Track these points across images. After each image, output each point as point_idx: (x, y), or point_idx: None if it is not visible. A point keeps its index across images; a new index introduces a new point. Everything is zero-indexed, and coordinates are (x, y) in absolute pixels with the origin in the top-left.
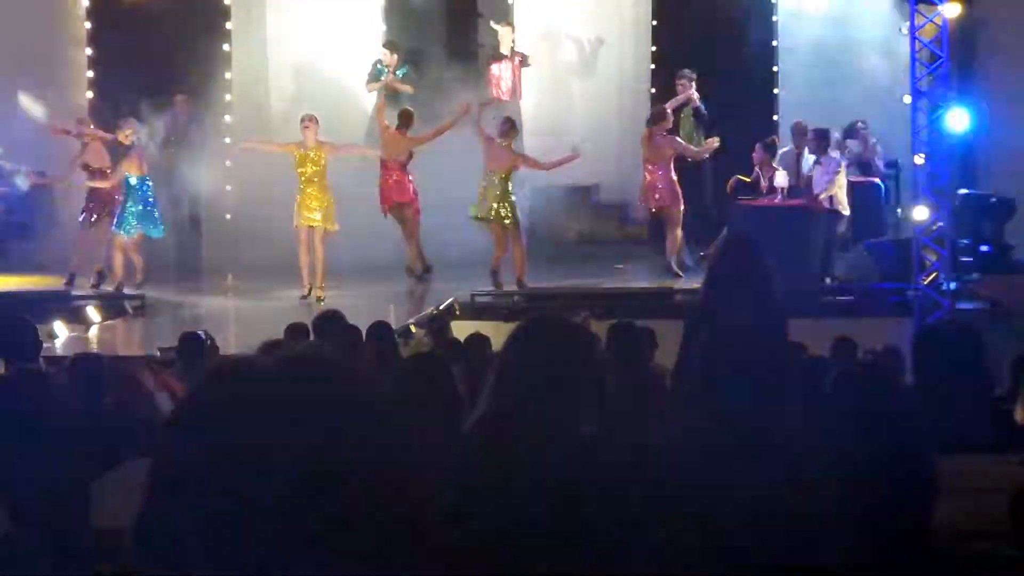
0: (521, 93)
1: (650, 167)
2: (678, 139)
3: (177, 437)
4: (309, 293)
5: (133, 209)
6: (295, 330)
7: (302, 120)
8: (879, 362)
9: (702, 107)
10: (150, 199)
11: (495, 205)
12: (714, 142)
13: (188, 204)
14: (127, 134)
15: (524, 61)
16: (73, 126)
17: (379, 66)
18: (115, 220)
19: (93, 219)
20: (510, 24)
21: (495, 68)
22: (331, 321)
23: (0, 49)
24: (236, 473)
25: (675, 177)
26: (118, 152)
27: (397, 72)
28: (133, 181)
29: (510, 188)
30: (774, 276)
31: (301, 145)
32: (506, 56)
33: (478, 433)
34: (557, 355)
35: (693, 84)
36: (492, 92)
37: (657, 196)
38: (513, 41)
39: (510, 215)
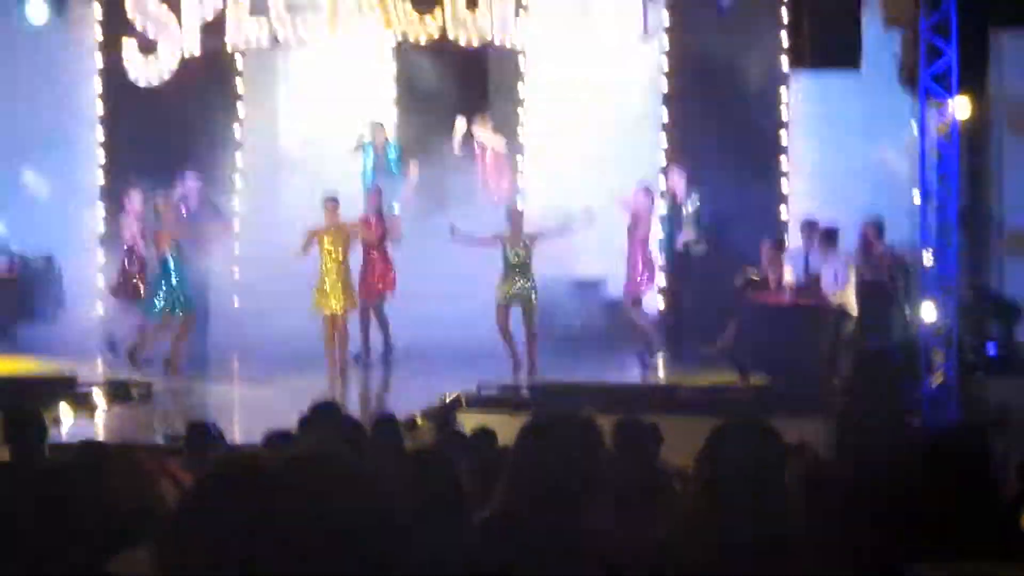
0: (515, 186)
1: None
2: None
3: (182, 529)
4: (339, 378)
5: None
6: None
7: (325, 202)
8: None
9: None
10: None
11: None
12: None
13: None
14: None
15: (504, 167)
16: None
17: (364, 142)
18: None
19: None
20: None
21: (480, 164)
22: (328, 414)
23: (15, 129)
24: (239, 568)
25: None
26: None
27: (389, 157)
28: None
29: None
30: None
31: (327, 229)
32: (482, 152)
33: (490, 531)
34: (566, 454)
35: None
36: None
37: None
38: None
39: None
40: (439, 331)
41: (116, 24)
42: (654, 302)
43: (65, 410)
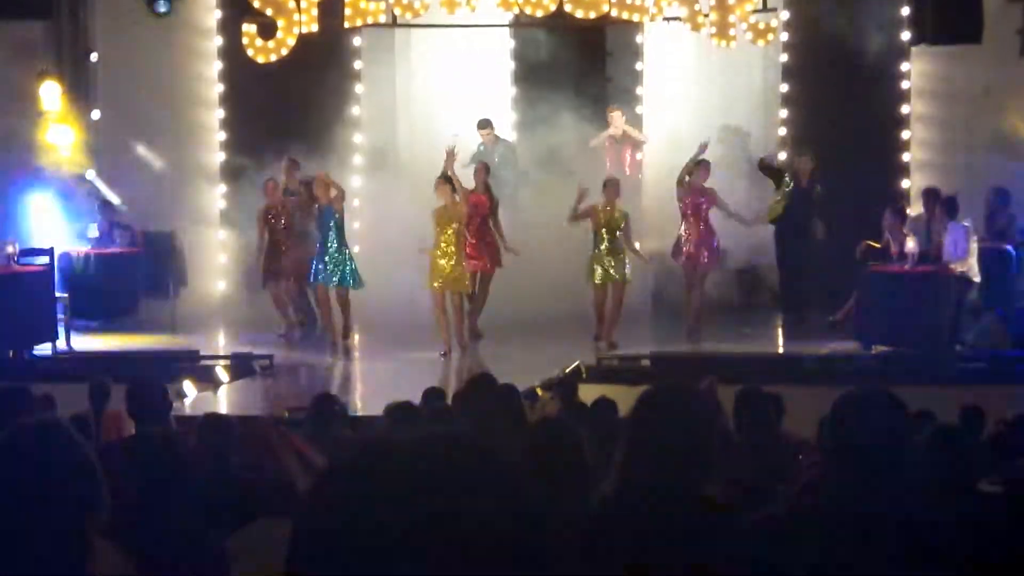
0: (638, 171)
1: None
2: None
3: (317, 512)
4: (449, 352)
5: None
6: (430, 394)
7: (436, 181)
8: (1008, 431)
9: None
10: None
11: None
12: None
13: None
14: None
15: (638, 147)
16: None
17: (480, 148)
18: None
19: None
20: (619, 109)
21: (609, 147)
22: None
23: (134, 111)
24: (373, 550)
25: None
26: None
27: (496, 156)
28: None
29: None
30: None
31: (439, 208)
32: (617, 139)
33: (610, 504)
34: (682, 424)
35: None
36: (608, 167)
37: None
38: (625, 123)
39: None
40: (553, 302)
41: (234, 5)
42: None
43: (188, 384)
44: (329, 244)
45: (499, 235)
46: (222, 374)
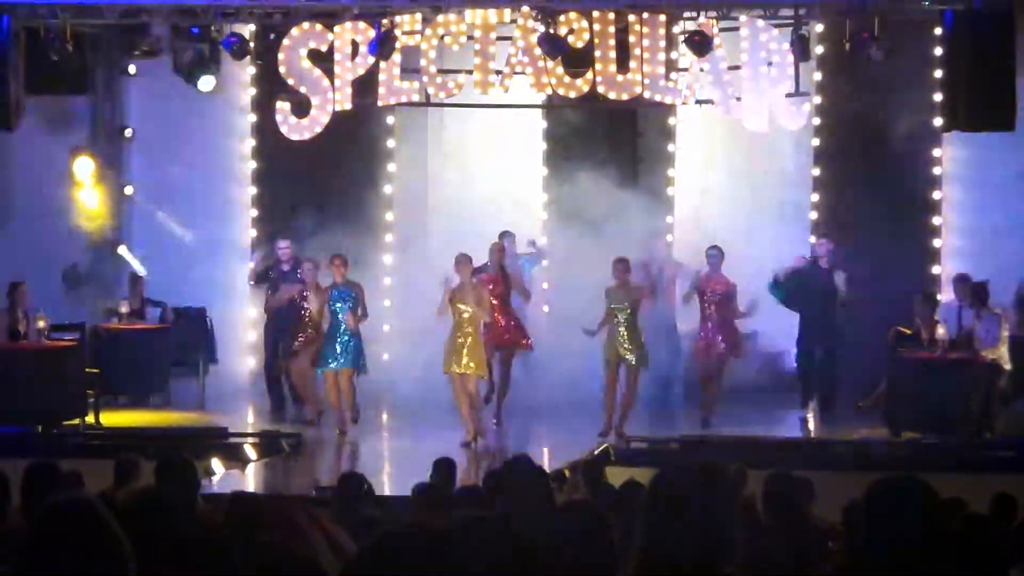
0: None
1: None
2: None
3: None
4: (473, 439)
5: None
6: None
7: (457, 261)
8: None
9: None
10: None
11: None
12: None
13: None
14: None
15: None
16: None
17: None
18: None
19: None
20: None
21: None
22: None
23: (167, 186)
24: None
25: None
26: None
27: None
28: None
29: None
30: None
31: (458, 290)
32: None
33: None
34: (700, 504)
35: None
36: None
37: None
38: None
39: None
40: (580, 385)
41: (268, 83)
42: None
43: (216, 462)
44: (337, 330)
45: (523, 295)
46: (250, 452)
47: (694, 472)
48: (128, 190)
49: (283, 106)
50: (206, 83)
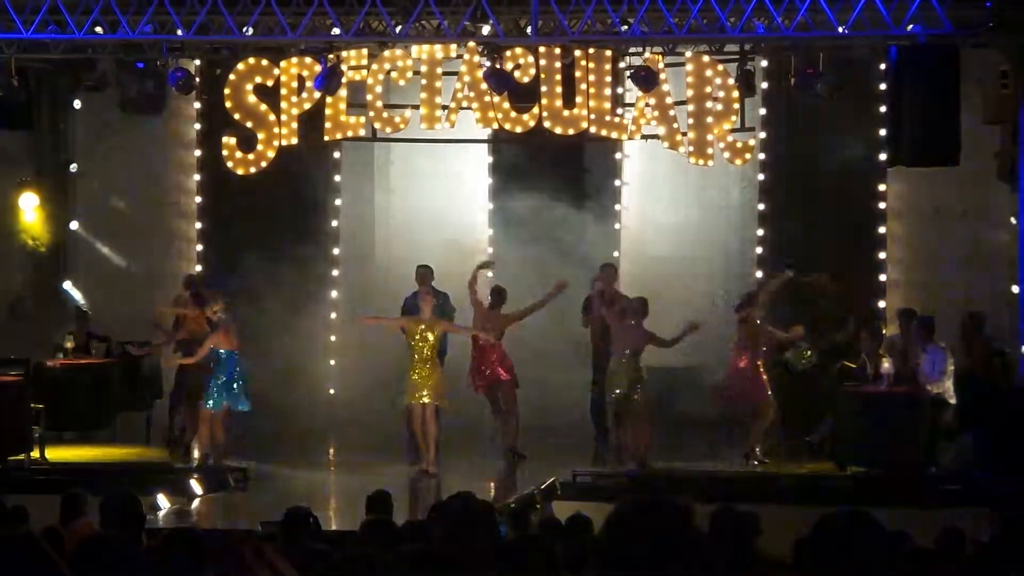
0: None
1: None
2: (768, 327)
3: None
4: (427, 469)
5: (218, 383)
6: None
7: (420, 293)
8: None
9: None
10: (236, 373)
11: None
12: (799, 330)
13: None
14: (215, 310)
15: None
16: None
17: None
18: (204, 393)
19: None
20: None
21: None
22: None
23: (113, 221)
24: None
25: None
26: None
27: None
28: (222, 355)
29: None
30: None
31: (418, 320)
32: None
33: None
34: (657, 539)
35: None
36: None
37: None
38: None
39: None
40: (544, 415)
41: (215, 118)
42: None
43: (162, 497)
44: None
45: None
46: (196, 487)
47: (647, 510)
48: (73, 225)
49: (229, 141)
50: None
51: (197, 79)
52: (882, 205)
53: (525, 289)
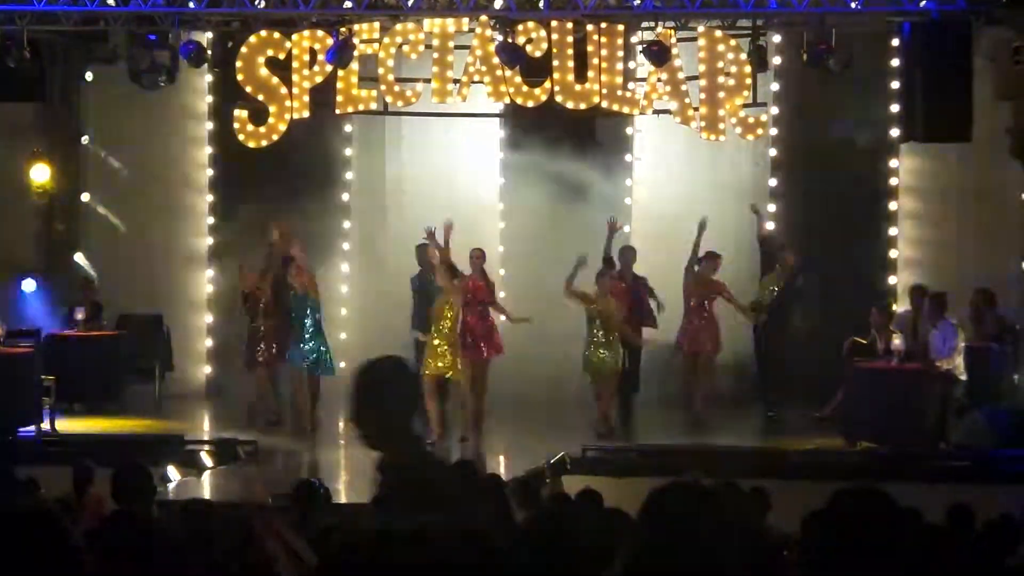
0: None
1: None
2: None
3: None
4: (438, 439)
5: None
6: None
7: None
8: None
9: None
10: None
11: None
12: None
13: None
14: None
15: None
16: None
17: None
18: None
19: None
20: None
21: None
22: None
23: (124, 193)
24: None
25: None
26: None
27: None
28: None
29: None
30: None
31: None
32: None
33: None
34: (695, 525)
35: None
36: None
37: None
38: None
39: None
40: (550, 388)
41: (226, 91)
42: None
43: (172, 469)
44: (306, 331)
45: (504, 313)
46: (206, 459)
47: (692, 492)
48: (85, 197)
49: (241, 114)
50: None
51: (209, 52)
52: (894, 181)
53: (535, 264)
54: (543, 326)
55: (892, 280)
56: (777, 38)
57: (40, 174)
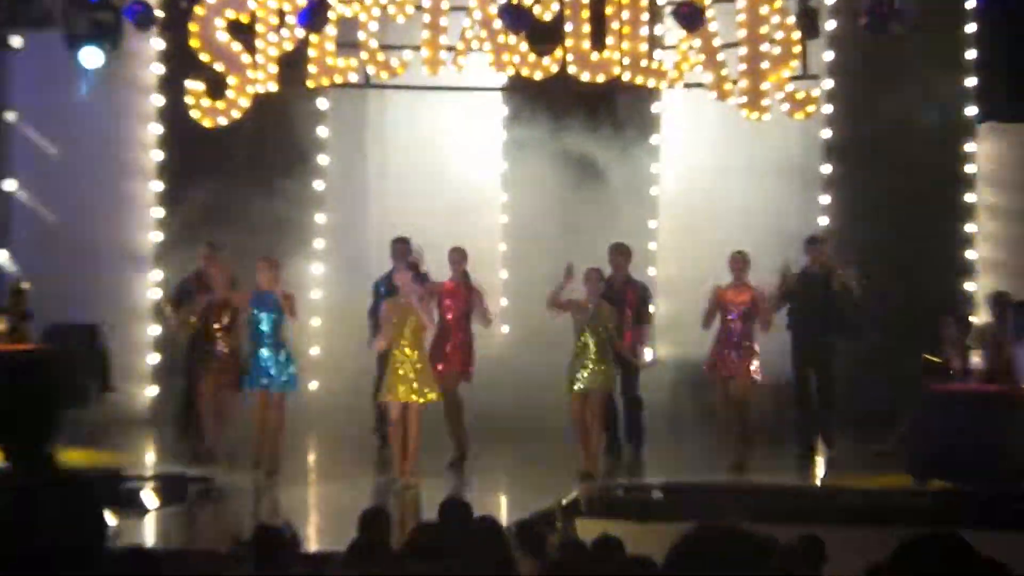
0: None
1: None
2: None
3: None
4: (407, 483)
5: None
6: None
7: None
8: None
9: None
10: None
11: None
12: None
13: None
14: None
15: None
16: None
17: None
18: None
19: None
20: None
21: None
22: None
23: (55, 181)
24: None
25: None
26: None
27: None
28: None
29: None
30: None
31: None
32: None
33: None
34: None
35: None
36: None
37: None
38: None
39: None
40: (554, 415)
41: (178, 59)
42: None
43: (109, 512)
44: (263, 341)
45: (482, 318)
46: (150, 499)
47: (723, 544)
48: (9, 184)
49: (195, 87)
50: (91, 56)
51: (158, 13)
52: (970, 169)
53: (543, 266)
54: (551, 339)
55: (969, 286)
56: None
57: None
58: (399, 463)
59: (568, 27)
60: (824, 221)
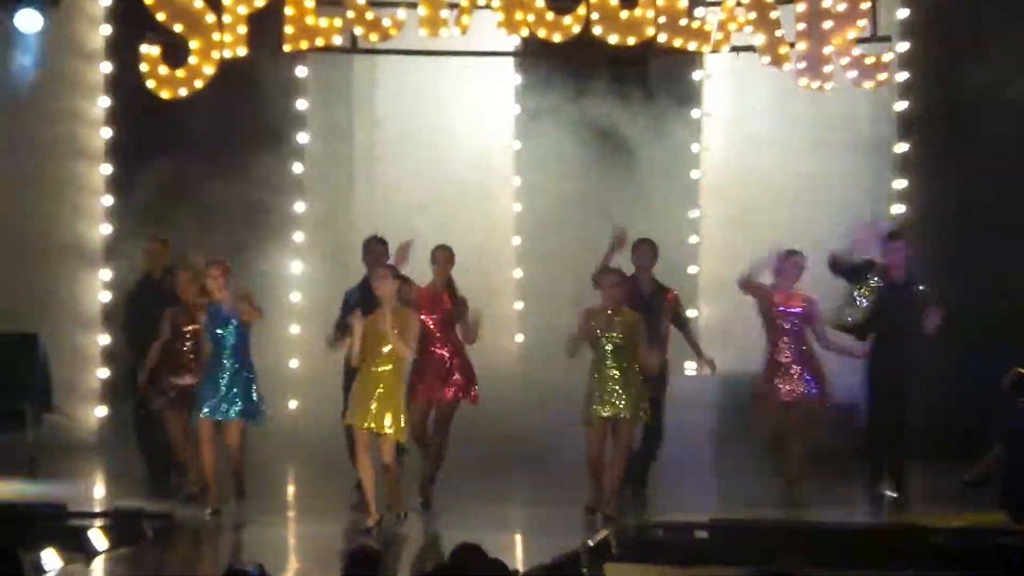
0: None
1: None
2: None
3: None
4: (378, 523)
5: None
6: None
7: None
8: None
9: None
10: None
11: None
12: None
13: None
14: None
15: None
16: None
17: None
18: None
19: None
20: None
21: None
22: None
23: (4, 168)
24: None
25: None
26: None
27: None
28: None
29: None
30: None
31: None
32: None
33: None
34: None
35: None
36: None
37: None
38: None
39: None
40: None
41: (130, 19)
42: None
43: (50, 553)
44: (223, 369)
45: (466, 334)
46: (98, 539)
47: None
48: None
49: (150, 51)
50: (27, 19)
51: None
52: None
53: (562, 262)
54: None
55: None
56: None
57: None
58: (373, 499)
59: None
60: (897, 209)
